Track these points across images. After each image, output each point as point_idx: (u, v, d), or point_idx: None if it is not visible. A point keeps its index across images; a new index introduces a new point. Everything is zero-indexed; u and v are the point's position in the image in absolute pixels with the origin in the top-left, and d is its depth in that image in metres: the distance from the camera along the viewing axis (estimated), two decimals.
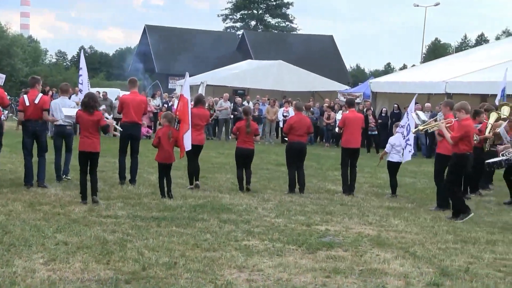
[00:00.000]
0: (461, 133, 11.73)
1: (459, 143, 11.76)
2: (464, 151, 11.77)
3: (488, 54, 31.65)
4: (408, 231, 10.49)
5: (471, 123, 12.08)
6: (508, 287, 7.52)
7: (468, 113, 12.05)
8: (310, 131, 14.84)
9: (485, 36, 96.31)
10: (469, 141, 11.80)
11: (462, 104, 12.03)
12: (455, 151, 11.85)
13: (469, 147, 11.82)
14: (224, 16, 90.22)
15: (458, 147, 11.79)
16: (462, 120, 11.88)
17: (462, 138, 11.73)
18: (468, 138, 11.78)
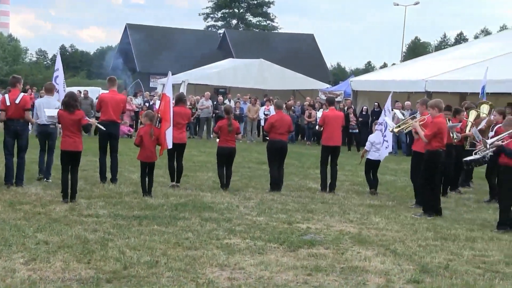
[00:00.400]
0: (434, 130, 11.88)
1: (432, 140, 11.92)
2: (436, 148, 11.92)
3: (467, 53, 31.87)
4: (389, 229, 10.56)
5: (443, 121, 12.22)
6: (487, 283, 7.59)
7: (441, 111, 12.20)
8: (291, 129, 14.93)
9: (464, 35, 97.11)
10: (441, 138, 11.95)
11: (435, 102, 12.22)
12: (428, 148, 12.02)
13: (441, 144, 11.97)
14: (205, 15, 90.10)
15: (431, 144, 11.95)
16: (435, 118, 12.02)
17: (435, 135, 11.87)
18: (441, 135, 11.93)
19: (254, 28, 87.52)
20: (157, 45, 67.16)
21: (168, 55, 63.03)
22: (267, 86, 37.39)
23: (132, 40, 68.43)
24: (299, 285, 7.25)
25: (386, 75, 32.64)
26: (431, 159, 12.01)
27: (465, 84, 25.12)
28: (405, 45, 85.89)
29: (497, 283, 7.61)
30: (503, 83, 22.44)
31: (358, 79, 33.60)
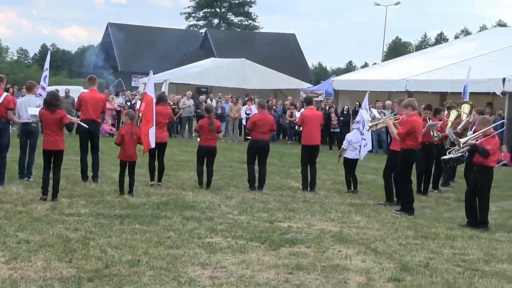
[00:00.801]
0: (407, 128, 12.01)
1: (406, 138, 12.05)
2: (411, 146, 12.05)
3: (447, 53, 32.17)
4: (370, 227, 10.62)
5: (417, 119, 12.34)
6: (467, 281, 7.66)
7: (415, 110, 12.33)
8: (273, 128, 14.98)
9: (445, 35, 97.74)
10: (415, 136, 12.07)
11: (409, 101, 12.39)
12: (403, 147, 12.15)
13: (416, 142, 12.09)
14: (187, 14, 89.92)
15: (405, 143, 12.08)
16: (409, 116, 12.14)
17: (409, 134, 12.00)
18: (415, 134, 12.05)
19: (236, 28, 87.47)
20: (139, 44, 66.97)
21: (150, 54, 62.88)
22: (248, 86, 37.45)
23: (113, 39, 68.15)
24: (280, 284, 7.26)
25: (367, 74, 32.85)
26: (406, 157, 12.15)
27: (446, 83, 25.35)
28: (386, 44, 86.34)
29: (476, 281, 7.67)
30: (483, 83, 22.65)
31: (339, 78, 33.79)
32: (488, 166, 10.98)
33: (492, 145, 10.93)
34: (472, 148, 11.12)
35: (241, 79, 37.58)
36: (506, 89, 22.83)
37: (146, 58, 61.12)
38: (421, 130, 12.42)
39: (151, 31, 71.21)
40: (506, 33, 36.53)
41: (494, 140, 11.08)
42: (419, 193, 14.67)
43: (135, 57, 64.24)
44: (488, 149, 10.84)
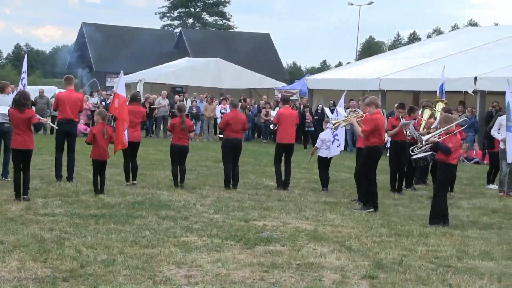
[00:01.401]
0: (371, 126, 12.16)
1: (370, 136, 12.21)
2: (374, 144, 12.22)
3: (420, 52, 32.47)
4: (344, 225, 10.69)
5: (380, 117, 12.50)
6: (440, 278, 7.73)
7: (378, 108, 12.50)
8: (246, 127, 15.14)
9: (417, 34, 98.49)
10: (379, 134, 12.25)
11: (371, 99, 12.56)
12: (367, 144, 12.33)
13: (379, 139, 12.27)
14: (162, 14, 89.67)
15: (369, 140, 12.24)
16: (372, 114, 12.29)
17: (372, 132, 12.15)
18: (379, 131, 12.22)
19: (210, 27, 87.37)
20: (113, 44, 66.61)
21: (125, 54, 62.56)
22: (223, 85, 37.48)
23: (88, 39, 67.71)
24: (255, 282, 7.29)
25: (341, 73, 33.05)
26: (370, 154, 12.32)
27: (419, 82, 25.59)
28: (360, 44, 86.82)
29: (449, 277, 7.75)
30: (455, 82, 22.87)
31: (314, 77, 33.94)
32: (450, 163, 11.12)
33: (454, 143, 11.06)
34: (434, 146, 11.29)
35: (216, 79, 37.62)
36: (477, 87, 23.11)
37: (121, 58, 60.79)
38: (383, 127, 12.60)
39: (126, 31, 70.90)
40: (477, 32, 36.94)
41: (455, 138, 11.21)
42: (393, 191, 14.81)
43: (110, 57, 63.89)
44: (450, 147, 10.98)
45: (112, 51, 64.82)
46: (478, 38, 31.46)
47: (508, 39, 29.68)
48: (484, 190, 16.08)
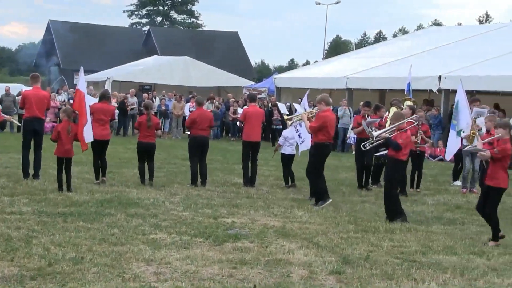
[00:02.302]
0: (318, 123, 12.38)
1: (318, 133, 12.44)
2: (322, 141, 12.45)
3: (386, 51, 32.82)
4: (312, 222, 10.80)
5: (329, 114, 12.70)
6: (405, 272, 7.87)
7: (328, 105, 12.73)
8: (212, 125, 15.24)
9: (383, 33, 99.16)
10: (327, 131, 12.45)
11: (322, 97, 12.77)
12: (315, 141, 12.57)
13: (327, 137, 12.48)
14: (130, 12, 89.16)
15: (318, 137, 12.46)
16: (322, 112, 12.50)
17: (320, 129, 12.36)
18: (326, 129, 12.42)
19: (179, 26, 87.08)
20: (81, 41, 66.01)
21: (93, 52, 62.16)
22: (192, 83, 37.44)
23: (55, 36, 67.05)
24: (224, 279, 7.34)
25: (308, 72, 33.24)
26: (318, 151, 12.54)
27: (385, 81, 25.87)
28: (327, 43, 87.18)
29: (414, 272, 7.88)
30: (421, 80, 23.15)
31: (282, 76, 34.08)
32: (399, 159, 11.29)
33: (404, 139, 11.23)
34: (385, 142, 11.48)
35: (185, 77, 37.57)
36: (442, 86, 23.43)
37: (89, 55, 60.36)
38: (333, 125, 12.79)
39: (94, 28, 70.33)
40: (442, 32, 37.42)
41: (405, 134, 11.37)
42: (360, 188, 14.98)
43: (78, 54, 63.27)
44: (400, 143, 11.16)
45: (80, 48, 64.24)
46: (443, 37, 31.91)
47: (471, 39, 30.19)
48: (448, 186, 16.32)
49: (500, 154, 9.64)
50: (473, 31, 33.00)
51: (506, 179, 9.82)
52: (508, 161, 10.04)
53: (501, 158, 9.70)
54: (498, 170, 9.73)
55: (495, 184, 9.75)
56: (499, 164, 9.72)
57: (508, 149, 9.77)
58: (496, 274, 7.98)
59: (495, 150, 9.67)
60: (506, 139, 9.79)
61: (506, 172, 9.89)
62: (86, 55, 61.31)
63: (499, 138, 9.78)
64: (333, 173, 17.84)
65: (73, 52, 64.82)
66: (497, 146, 9.73)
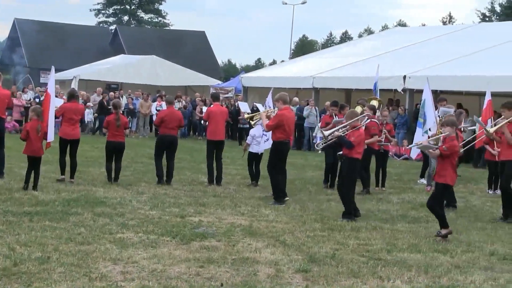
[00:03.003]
0: (275, 121, 12.58)
1: (276, 131, 12.63)
2: (280, 139, 12.63)
3: (352, 51, 33.11)
4: (279, 221, 10.87)
5: (287, 113, 12.83)
6: (370, 270, 7.96)
7: (285, 104, 12.90)
8: (181, 124, 15.30)
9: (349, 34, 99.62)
10: (284, 129, 12.60)
11: (280, 95, 12.94)
12: (273, 139, 12.79)
13: (285, 135, 12.65)
14: (97, 11, 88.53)
15: (276, 135, 12.66)
16: (279, 110, 12.67)
17: (277, 127, 12.54)
18: (283, 127, 12.57)
19: (146, 25, 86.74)
20: (47, 40, 65.31)
21: (59, 50, 61.58)
22: (159, 82, 37.42)
23: (21, 34, 66.21)
24: (191, 277, 7.36)
25: (275, 72, 33.40)
26: (276, 148, 12.74)
27: (351, 80, 26.11)
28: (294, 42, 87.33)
29: (379, 270, 7.98)
30: (386, 80, 23.37)
31: (249, 75, 34.18)
32: (353, 158, 11.43)
33: (356, 137, 11.38)
34: (338, 140, 11.64)
35: (152, 76, 37.55)
36: (406, 86, 23.70)
37: (55, 54, 59.74)
38: (291, 123, 12.91)
39: (60, 27, 69.67)
40: (406, 33, 37.88)
41: (358, 132, 11.52)
42: (326, 187, 15.12)
43: (44, 53, 62.64)
44: (352, 141, 11.32)
45: (47, 47, 63.59)
46: (407, 38, 32.30)
47: (435, 39, 30.60)
48: (413, 185, 16.49)
49: (449, 151, 9.83)
50: (437, 32, 33.46)
51: (453, 176, 10.04)
52: (456, 158, 10.28)
53: (450, 155, 9.88)
54: (447, 167, 9.90)
55: (442, 181, 9.94)
56: (448, 161, 9.90)
57: (456, 146, 10.03)
58: (460, 271, 8.11)
59: (443, 147, 9.86)
60: (453, 136, 10.04)
61: (454, 169, 10.08)
62: (53, 53, 60.68)
63: (446, 135, 9.99)
64: (300, 172, 17.96)
65: (39, 51, 64.14)
66: (445, 143, 9.93)
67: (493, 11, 73.20)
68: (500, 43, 26.27)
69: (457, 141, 10.40)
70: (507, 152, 11.72)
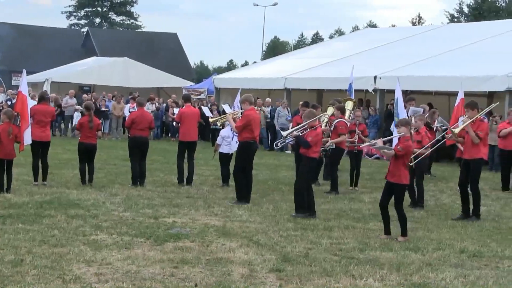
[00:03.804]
0: (242, 122, 12.73)
1: (243, 132, 12.75)
2: (247, 139, 12.75)
3: (323, 52, 33.29)
4: (252, 221, 10.94)
5: (253, 114, 12.97)
6: (343, 269, 8.06)
7: (251, 104, 13.08)
8: (152, 126, 15.40)
9: (320, 35, 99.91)
10: (251, 130, 12.72)
11: (246, 96, 13.14)
12: (240, 139, 12.92)
13: (251, 135, 12.78)
14: (68, 13, 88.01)
15: (242, 136, 12.79)
16: (245, 111, 12.84)
17: (245, 127, 12.64)
18: (251, 127, 12.71)
19: (118, 27, 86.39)
20: (19, 42, 64.67)
21: (31, 52, 61.11)
22: (131, 84, 37.35)
23: None
24: (166, 278, 7.40)
25: (247, 73, 33.48)
26: (243, 149, 12.85)
27: (322, 81, 26.27)
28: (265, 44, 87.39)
29: (352, 268, 8.09)
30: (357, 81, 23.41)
31: (221, 77, 34.27)
32: (310, 157, 11.58)
33: (313, 137, 11.54)
34: (296, 140, 11.79)
35: (124, 78, 37.46)
36: (377, 86, 23.91)
37: (27, 56, 59.30)
38: (257, 123, 13.04)
39: (32, 29, 69.08)
40: (376, 33, 38.18)
41: (315, 132, 11.67)
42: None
43: (15, 55, 61.96)
44: (309, 141, 11.47)
45: (18, 49, 62.97)
46: (377, 39, 32.54)
47: (405, 40, 30.90)
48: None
49: (404, 151, 9.96)
50: (407, 32, 33.80)
51: (407, 175, 10.16)
52: (409, 158, 10.43)
53: (404, 155, 10.01)
54: (400, 167, 10.01)
55: (397, 181, 10.03)
56: (401, 161, 10.01)
57: (410, 146, 10.20)
58: (431, 269, 8.24)
59: (398, 147, 9.98)
60: (407, 136, 10.17)
61: (407, 169, 10.21)
62: (24, 56, 60.21)
63: (401, 136, 10.09)
64: (273, 172, 18.05)
65: (11, 53, 63.45)
66: (400, 143, 10.05)
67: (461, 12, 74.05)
68: (468, 43, 26.61)
69: (411, 141, 10.53)
70: (472, 151, 11.88)
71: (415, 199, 13.20)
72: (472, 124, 11.79)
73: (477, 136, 11.67)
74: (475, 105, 12.04)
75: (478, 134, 11.70)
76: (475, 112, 11.88)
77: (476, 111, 11.92)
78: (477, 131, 11.73)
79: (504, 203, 14.18)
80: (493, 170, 20.08)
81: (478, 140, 11.72)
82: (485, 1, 71.68)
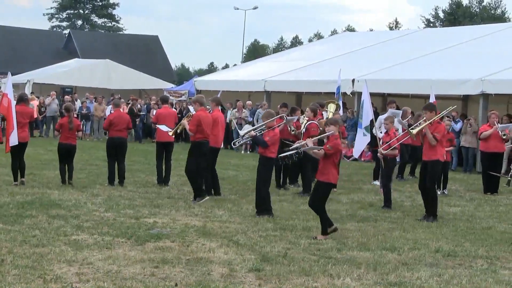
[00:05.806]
0: (195, 123, 12.92)
1: (196, 132, 12.87)
2: (199, 139, 12.94)
3: (302, 55, 33.51)
4: (232, 221, 11.04)
5: (202, 113, 13.11)
6: (321, 268, 8.17)
7: (202, 105, 13.26)
8: (130, 126, 15.60)
9: (300, 38, 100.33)
10: (203, 130, 12.89)
11: (197, 97, 13.50)
12: (192, 139, 13.09)
13: (203, 135, 12.97)
14: (50, 15, 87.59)
15: (195, 136, 12.94)
16: (196, 111, 13.08)
17: (198, 127, 12.82)
18: (202, 127, 12.87)
19: (99, 29, 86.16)
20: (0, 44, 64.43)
21: (12, 54, 60.94)
22: (113, 86, 37.47)
23: None
24: (146, 278, 7.46)
25: (228, 75, 33.67)
26: (194, 148, 13.02)
27: (301, 84, 26.48)
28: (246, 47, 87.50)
29: (330, 268, 8.19)
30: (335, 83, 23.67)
31: (202, 79, 34.41)
32: (268, 157, 11.76)
33: (271, 137, 11.70)
34: (253, 140, 11.95)
35: (106, 80, 37.60)
36: (355, 89, 24.08)
37: (9, 58, 59.15)
38: (208, 123, 13.12)
39: (13, 31, 68.72)
40: (355, 37, 38.42)
41: (273, 132, 11.83)
42: (278, 188, 15.34)
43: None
44: (266, 141, 11.64)
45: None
46: (356, 42, 32.81)
47: (382, 43, 31.20)
48: (362, 185, 16.75)
49: (333, 149, 10.12)
50: (384, 36, 34.09)
51: (336, 175, 10.32)
52: (338, 157, 10.59)
53: (333, 154, 10.17)
54: (329, 166, 10.17)
55: (325, 180, 10.18)
56: (330, 160, 10.17)
57: (339, 144, 10.36)
58: (407, 268, 8.37)
59: (327, 146, 10.12)
60: (336, 135, 10.32)
61: (336, 169, 10.38)
62: (6, 57, 60.00)
63: (330, 134, 10.22)
64: (252, 173, 18.02)
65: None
66: (329, 142, 10.21)
67: (437, 17, 74.89)
68: (444, 47, 26.91)
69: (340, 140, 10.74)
70: (429, 152, 12.06)
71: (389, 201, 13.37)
72: (429, 126, 12.00)
73: (434, 138, 11.89)
74: (433, 108, 12.36)
75: (435, 135, 11.91)
76: (433, 114, 12.11)
77: (434, 113, 12.15)
78: (434, 132, 11.95)
79: (478, 204, 14.39)
80: (467, 171, 20.40)
81: (435, 142, 11.92)
82: (460, 7, 72.58)
